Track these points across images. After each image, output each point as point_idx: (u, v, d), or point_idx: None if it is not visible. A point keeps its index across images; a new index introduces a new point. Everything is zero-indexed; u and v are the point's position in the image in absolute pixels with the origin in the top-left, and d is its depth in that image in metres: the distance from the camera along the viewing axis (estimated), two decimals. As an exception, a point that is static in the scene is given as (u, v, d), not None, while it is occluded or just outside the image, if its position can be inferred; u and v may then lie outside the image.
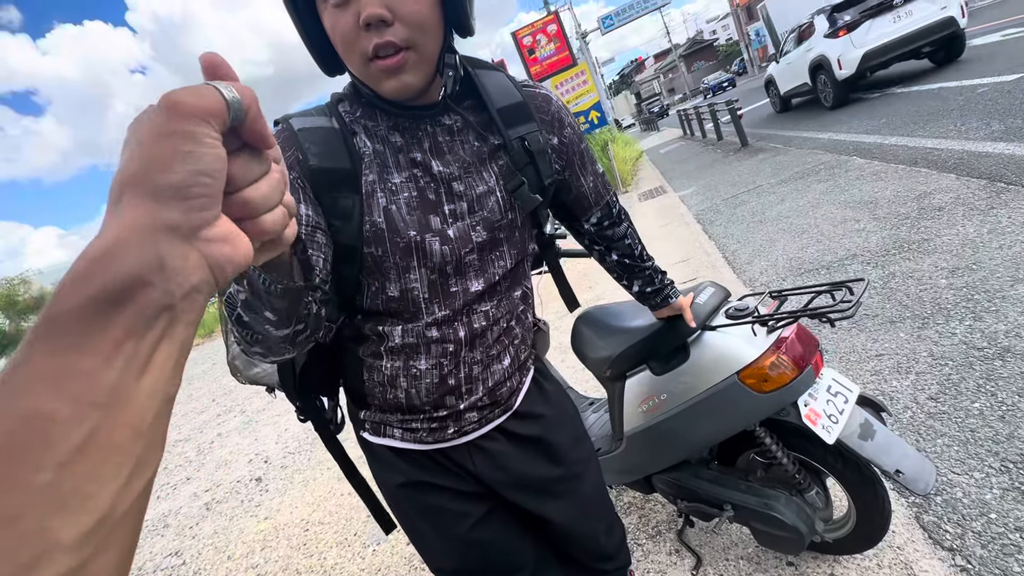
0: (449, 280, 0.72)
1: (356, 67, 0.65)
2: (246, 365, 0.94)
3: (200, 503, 3.19)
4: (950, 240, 2.61)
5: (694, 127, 13.17)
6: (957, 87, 5.64)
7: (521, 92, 0.77)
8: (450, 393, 0.76)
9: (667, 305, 1.08)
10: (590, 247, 0.99)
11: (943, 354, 1.84)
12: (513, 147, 0.73)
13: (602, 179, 0.90)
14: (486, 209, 0.73)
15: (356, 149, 0.69)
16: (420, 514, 0.83)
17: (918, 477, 1.05)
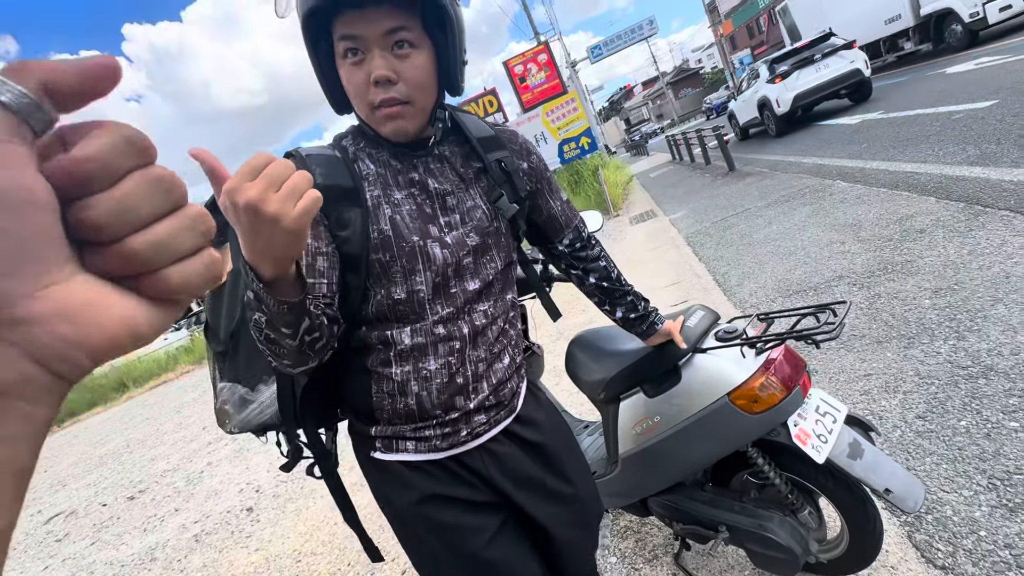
0: (450, 282, 0.81)
1: (363, 112, 0.78)
2: (238, 407, 0.94)
3: (189, 535, 3.12)
4: (932, 261, 2.68)
5: (683, 152, 13.46)
6: (933, 114, 5.85)
7: (492, 129, 0.92)
8: (459, 393, 0.81)
9: (654, 332, 1.12)
10: (568, 271, 1.06)
11: (929, 373, 1.88)
12: (492, 168, 0.87)
13: (569, 205, 1.02)
14: (475, 219, 0.84)
15: (358, 171, 0.81)
16: (435, 533, 0.84)
17: (907, 495, 1.08)
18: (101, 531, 3.75)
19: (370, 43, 0.72)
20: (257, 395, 0.93)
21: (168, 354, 15.09)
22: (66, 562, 3.42)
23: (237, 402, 0.95)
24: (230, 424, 0.96)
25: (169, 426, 6.59)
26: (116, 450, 6.41)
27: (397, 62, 0.73)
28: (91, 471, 5.77)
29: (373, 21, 0.71)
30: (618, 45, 19.47)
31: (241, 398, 0.94)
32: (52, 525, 4.29)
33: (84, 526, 3.98)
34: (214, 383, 1.00)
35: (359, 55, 0.73)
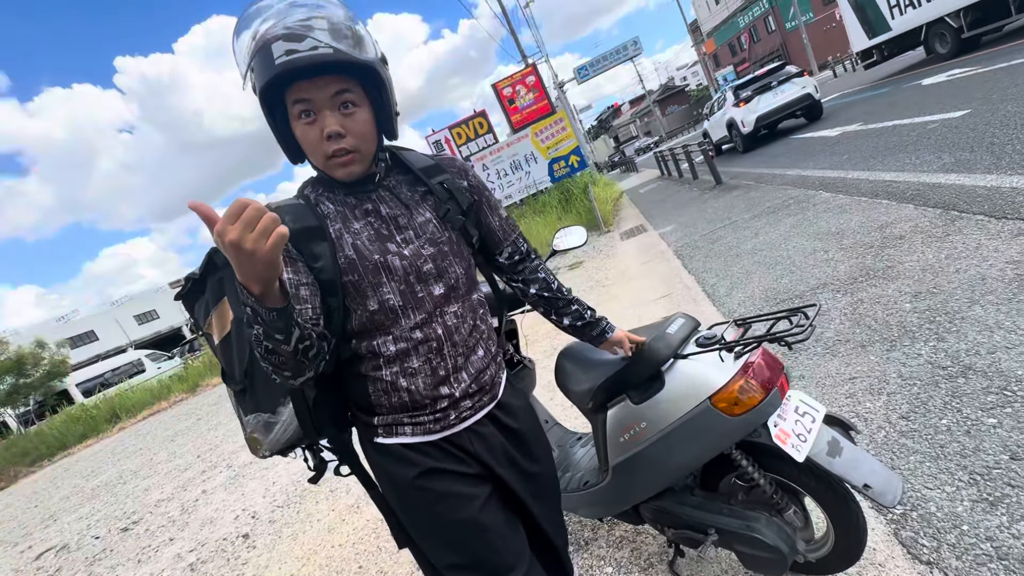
0: (415, 287, 0.93)
1: (319, 162, 0.92)
2: (264, 432, 1.06)
3: (184, 564, 3.08)
4: (912, 266, 2.75)
5: (671, 167, 13.69)
6: (910, 124, 6.03)
7: (432, 158, 1.07)
8: (442, 383, 0.95)
9: (605, 339, 1.23)
10: (509, 283, 1.19)
11: (911, 374, 1.93)
12: (436, 189, 1.01)
13: (508, 222, 1.14)
14: (428, 232, 0.97)
15: (321, 212, 0.95)
16: (435, 502, 0.95)
17: (886, 490, 1.11)
18: (94, 564, 3.68)
19: (320, 105, 0.86)
20: (279, 416, 1.05)
21: (161, 383, 14.92)
22: (58, 597, 3.35)
23: (263, 428, 1.06)
24: (262, 449, 1.08)
25: (163, 455, 6.50)
26: (109, 481, 6.31)
27: (344, 119, 0.87)
28: (83, 504, 5.67)
29: (322, 87, 0.85)
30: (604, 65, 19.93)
31: (266, 423, 1.05)
32: (43, 561, 4.20)
33: (76, 560, 3.91)
34: (240, 419, 1.12)
35: (311, 116, 0.86)
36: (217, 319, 1.07)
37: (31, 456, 11.81)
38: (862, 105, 9.58)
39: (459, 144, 13.52)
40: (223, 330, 1.06)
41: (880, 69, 14.07)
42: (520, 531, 1.04)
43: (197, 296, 1.12)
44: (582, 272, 6.59)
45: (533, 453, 1.09)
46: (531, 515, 1.06)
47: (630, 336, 1.28)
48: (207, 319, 1.09)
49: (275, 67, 0.80)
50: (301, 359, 0.81)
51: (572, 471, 1.71)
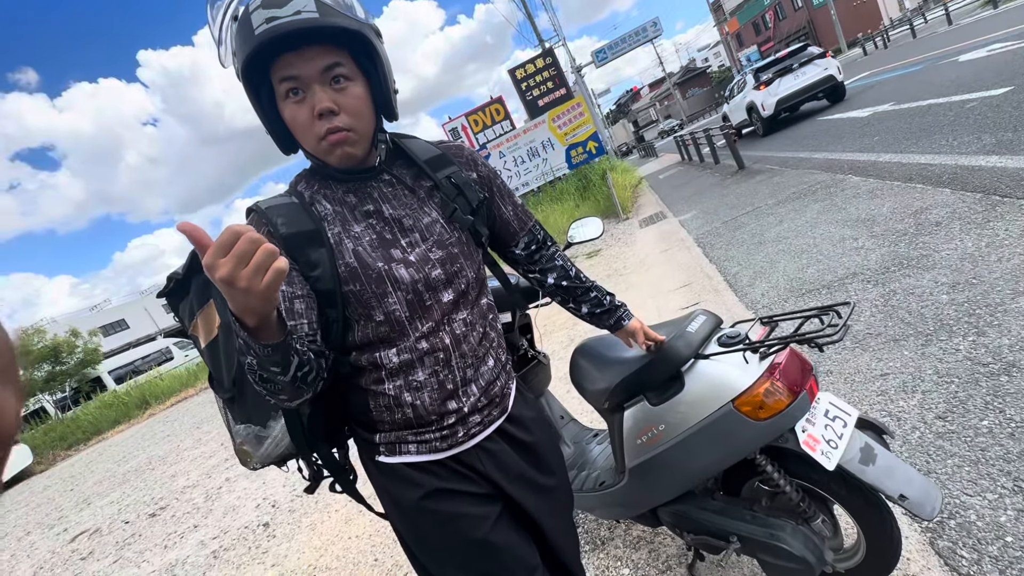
0: (423, 297, 0.85)
1: (311, 145, 0.82)
2: (254, 444, 1.01)
3: (207, 551, 3.15)
4: (949, 255, 2.61)
5: (691, 152, 13.37)
6: (946, 103, 5.73)
7: (438, 147, 0.96)
8: (450, 397, 0.87)
9: (622, 327, 1.15)
10: (526, 274, 1.11)
11: (948, 371, 1.82)
12: (443, 184, 0.91)
13: (522, 209, 1.05)
14: (435, 234, 0.88)
15: (317, 214, 0.86)
16: (442, 524, 0.89)
17: (924, 501, 1.04)
18: (123, 548, 3.80)
19: (309, 81, 0.78)
20: (270, 431, 1.00)
21: (188, 370, 15.35)
22: (90, 580, 3.47)
23: (253, 440, 1.01)
24: (252, 461, 1.04)
25: (189, 442, 6.69)
26: (139, 467, 6.52)
27: (336, 95, 0.79)
28: (115, 488, 5.87)
29: (310, 60, 0.77)
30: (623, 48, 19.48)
31: (256, 436, 1.01)
32: (77, 543, 4.36)
33: (107, 544, 4.04)
34: (229, 428, 1.07)
35: (300, 94, 0.78)
36: (203, 322, 1.01)
37: (68, 440, 12.32)
38: (894, 84, 9.16)
39: (476, 131, 13.42)
40: (209, 334, 1.01)
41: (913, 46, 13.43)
42: (532, 546, 0.97)
43: (181, 296, 1.07)
44: (600, 260, 6.49)
45: (547, 466, 1.01)
46: (543, 529, 0.98)
47: (647, 331, 1.20)
48: (192, 321, 1.04)
49: (255, 37, 0.72)
50: (299, 385, 0.75)
51: (588, 469, 1.66)
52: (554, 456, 1.05)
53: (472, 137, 13.44)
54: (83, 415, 13.67)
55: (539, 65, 13.36)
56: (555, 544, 1.01)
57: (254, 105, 0.83)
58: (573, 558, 1.07)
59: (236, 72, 0.79)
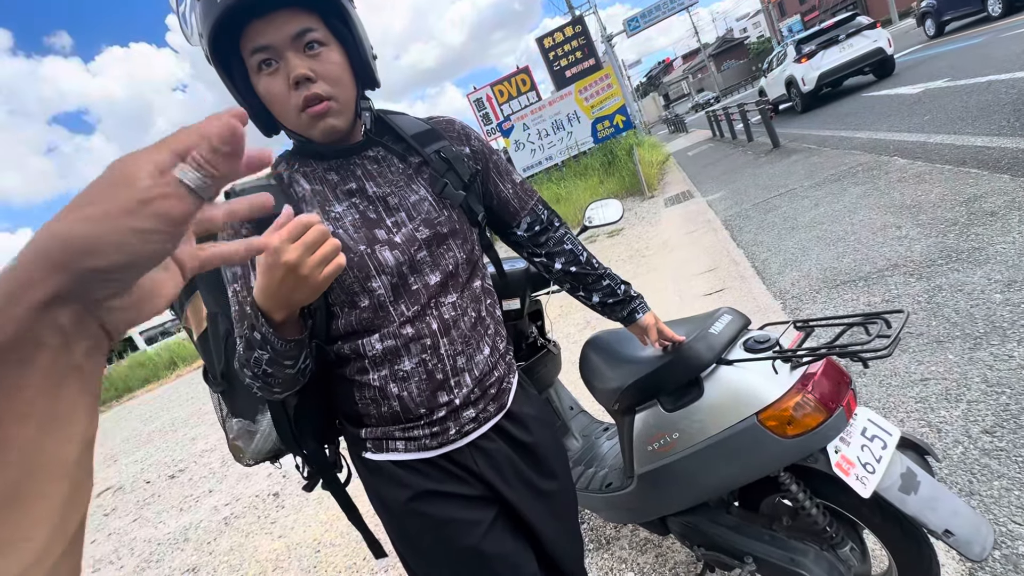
0: (408, 280, 0.79)
1: (290, 119, 0.76)
2: (246, 440, 0.97)
3: (220, 517, 3.21)
4: (1005, 249, 2.38)
5: (723, 128, 12.81)
6: (1009, 80, 5.27)
7: (427, 122, 0.90)
8: (440, 388, 0.81)
9: (635, 320, 1.06)
10: (531, 259, 1.03)
11: (999, 380, 1.66)
12: (432, 159, 0.85)
13: (523, 187, 0.98)
14: (423, 213, 0.82)
15: (296, 195, 0.81)
16: (431, 530, 0.84)
17: (972, 539, 0.91)
18: (143, 508, 3.93)
19: (282, 49, 0.73)
20: (258, 425, 0.95)
21: (214, 334, 15.83)
22: (111, 536, 3.61)
23: (244, 435, 0.97)
24: (245, 458, 0.99)
25: (209, 407, 6.85)
26: (162, 428, 6.75)
27: (311, 62, 0.74)
28: (139, 447, 6.10)
29: (279, 27, 0.72)
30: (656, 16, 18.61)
31: (246, 431, 0.96)
32: (102, 499, 4.54)
33: (129, 502, 4.19)
34: (223, 423, 1.02)
35: (273, 65, 0.73)
36: (192, 314, 0.96)
37: (101, 398, 12.88)
38: (950, 58, 8.50)
39: (501, 102, 13.11)
40: (200, 326, 0.95)
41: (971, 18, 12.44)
42: (529, 553, 0.90)
43: None
44: (621, 240, 6.29)
45: (548, 468, 0.94)
46: (541, 536, 0.92)
47: (662, 328, 1.08)
48: (183, 313, 0.98)
49: (219, 5, 0.66)
50: (299, 377, 0.75)
51: (596, 467, 1.58)
52: (556, 457, 0.97)
53: (497, 108, 13.12)
54: (115, 373, 14.27)
55: (568, 34, 12.87)
56: (555, 552, 0.95)
57: (227, 84, 0.78)
58: (576, 566, 1.00)
59: (204, 51, 0.74)
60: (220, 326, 0.90)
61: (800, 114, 10.09)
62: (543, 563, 0.94)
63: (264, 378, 0.72)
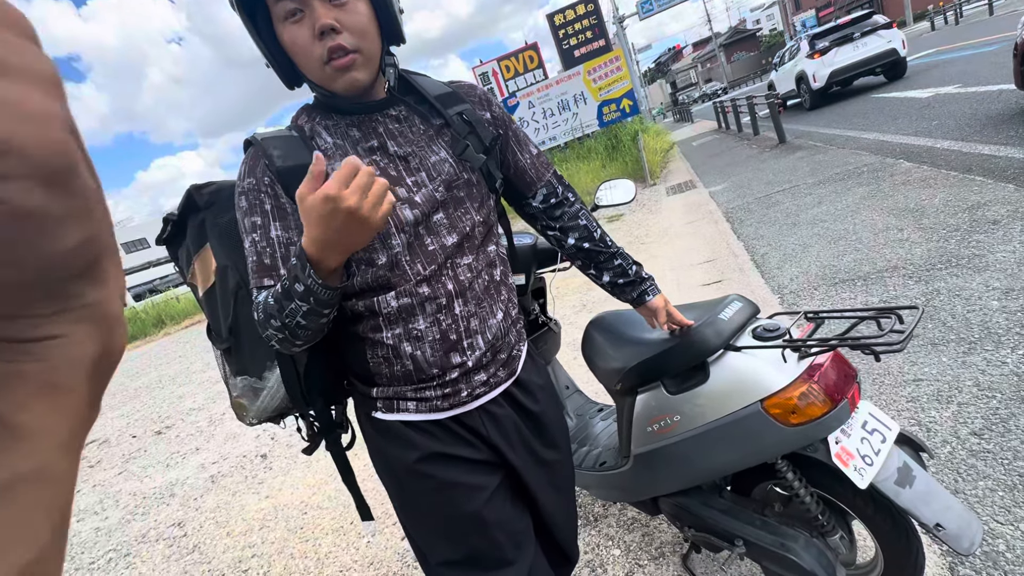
0: (424, 240, 0.79)
1: (313, 71, 0.76)
2: (251, 397, 0.96)
3: (206, 475, 3.22)
4: (1005, 257, 2.40)
5: (730, 120, 12.71)
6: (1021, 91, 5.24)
7: (449, 85, 0.90)
8: (453, 349, 0.80)
9: (644, 302, 1.06)
10: (544, 232, 1.03)
11: (991, 385, 1.68)
12: (454, 121, 0.84)
13: (540, 159, 0.97)
14: (443, 173, 0.82)
15: (317, 147, 0.80)
16: (434, 492, 0.84)
17: (962, 534, 0.93)
18: (129, 462, 3.93)
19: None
20: (265, 382, 0.94)
21: (204, 295, 15.65)
22: (96, 488, 3.61)
23: (249, 393, 0.96)
24: (248, 416, 0.98)
25: (199, 365, 6.84)
26: (149, 384, 6.72)
27: (338, 12, 0.73)
28: (126, 402, 6.08)
29: None
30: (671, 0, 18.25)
31: (251, 388, 0.95)
32: (86, 451, 4.53)
33: (114, 455, 4.19)
34: (225, 381, 1.02)
35: (298, 14, 0.72)
36: (200, 268, 0.94)
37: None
38: (962, 64, 8.46)
39: (507, 78, 12.85)
40: (207, 281, 0.93)
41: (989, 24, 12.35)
42: (527, 519, 0.93)
43: (179, 241, 0.99)
44: (621, 226, 6.27)
45: (551, 439, 0.96)
46: (539, 504, 0.93)
47: (672, 311, 1.08)
48: (190, 268, 0.96)
49: None
50: (325, 328, 0.74)
51: (590, 446, 1.59)
52: (559, 429, 0.99)
53: (503, 83, 12.87)
54: (102, 328, 14.11)
55: (580, 12, 12.57)
56: (551, 522, 0.97)
57: (251, 33, 0.77)
58: (569, 538, 1.02)
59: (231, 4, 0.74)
60: (229, 280, 0.89)
61: (808, 111, 10.02)
62: (539, 532, 0.95)
63: (293, 330, 0.70)
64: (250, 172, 0.78)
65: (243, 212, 0.78)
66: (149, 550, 2.55)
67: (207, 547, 2.41)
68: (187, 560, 2.35)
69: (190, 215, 0.95)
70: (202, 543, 2.46)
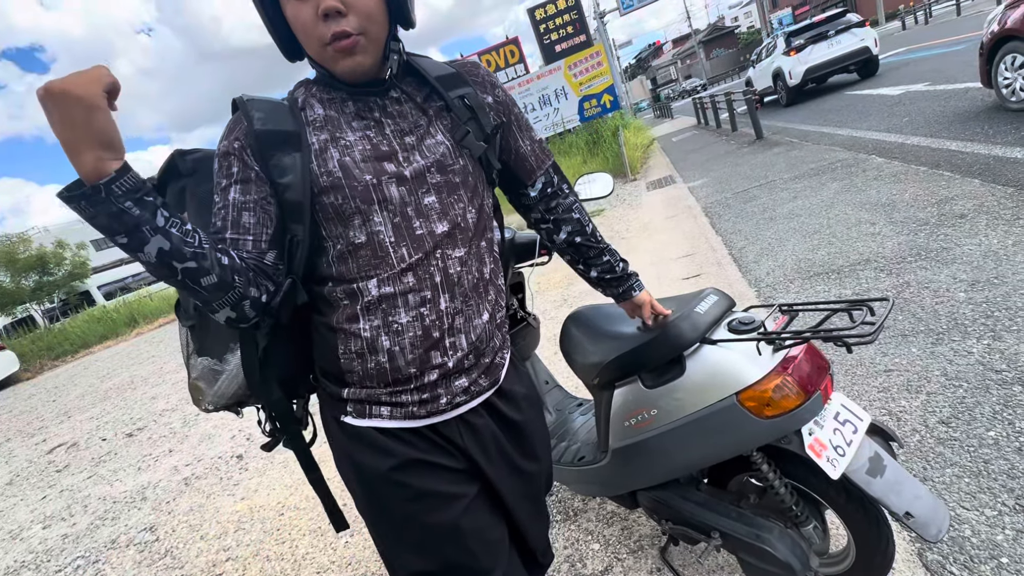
0: (412, 223, 0.76)
1: (315, 51, 0.74)
2: (209, 380, 0.90)
3: (180, 477, 3.14)
4: (971, 251, 2.47)
5: (709, 116, 12.84)
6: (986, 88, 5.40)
7: (452, 66, 0.87)
8: (434, 347, 0.76)
9: (630, 297, 1.07)
10: (537, 224, 1.01)
11: (957, 374, 1.73)
12: (455, 104, 0.82)
13: (541, 145, 0.95)
14: (438, 155, 0.79)
15: (304, 118, 0.77)
16: (410, 500, 0.80)
17: (930, 521, 0.95)
18: (99, 465, 3.81)
19: None
20: (224, 364, 0.89)
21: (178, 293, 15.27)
22: (63, 493, 3.49)
23: (207, 375, 0.90)
24: (204, 401, 0.92)
25: (172, 365, 6.67)
26: (121, 385, 6.53)
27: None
28: (96, 404, 5.89)
29: None
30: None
31: (210, 370, 0.90)
32: (54, 455, 4.38)
33: (84, 459, 4.05)
34: (187, 362, 0.96)
35: None
36: None
37: (56, 351, 12.37)
38: (932, 62, 8.68)
39: (487, 72, 12.74)
40: None
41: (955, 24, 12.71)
42: (502, 528, 0.88)
43: None
44: (602, 220, 6.30)
45: (532, 450, 0.93)
46: (513, 514, 0.90)
47: (655, 304, 1.09)
48: None
49: None
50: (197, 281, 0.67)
51: (568, 441, 1.58)
52: (540, 439, 0.96)
53: (483, 78, 12.78)
54: (71, 327, 13.68)
55: (561, 7, 12.54)
56: (524, 530, 0.94)
57: (256, 4, 0.75)
58: (542, 543, 1.00)
59: None
60: None
61: (784, 107, 10.20)
62: (512, 537, 0.92)
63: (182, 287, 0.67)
64: (227, 135, 0.76)
65: (214, 174, 0.76)
66: (119, 556, 2.47)
67: (180, 551, 2.35)
68: (159, 565, 2.28)
69: (171, 181, 0.90)
70: (174, 547, 2.40)
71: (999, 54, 4.31)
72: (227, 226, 0.73)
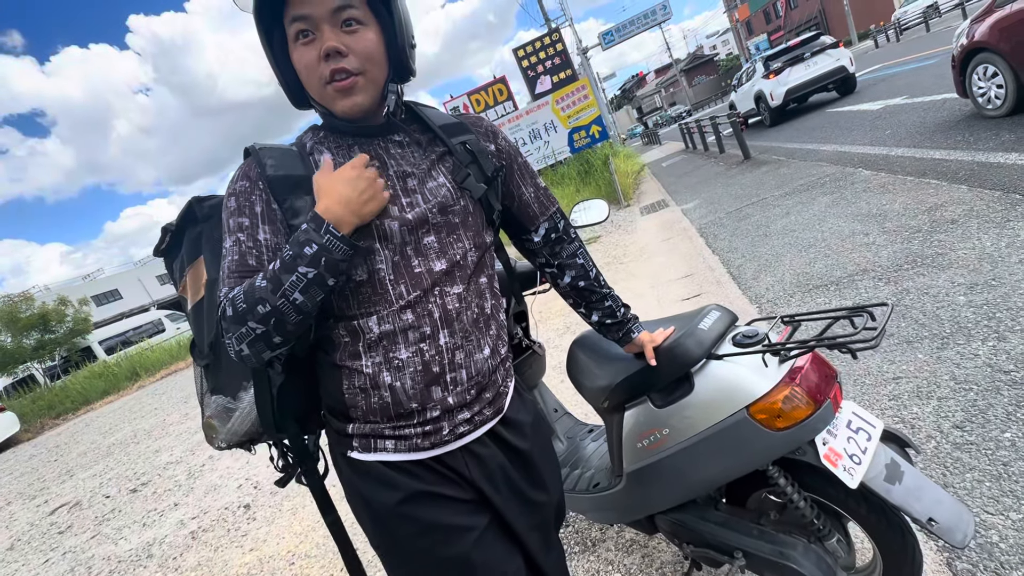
0: (411, 261, 0.78)
1: (316, 90, 0.79)
2: (223, 418, 0.92)
3: (186, 531, 3.07)
4: (966, 254, 2.50)
5: (696, 140, 13.14)
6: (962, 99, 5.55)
7: (456, 116, 0.92)
8: (435, 383, 0.78)
9: (630, 340, 1.09)
10: (542, 268, 1.04)
11: (967, 378, 1.72)
12: (457, 150, 0.86)
13: (546, 193, 0.99)
14: (439, 197, 0.82)
15: (313, 162, 0.82)
16: (420, 534, 0.79)
17: (954, 527, 0.93)
18: (102, 524, 3.72)
19: (319, 22, 0.75)
20: (238, 402, 0.91)
21: (179, 343, 15.23)
22: (66, 555, 3.40)
23: (221, 413, 0.92)
24: (218, 439, 0.94)
25: (175, 417, 6.60)
26: (123, 440, 6.44)
27: (346, 37, 0.76)
28: (98, 461, 5.79)
29: (321, 1, 0.74)
30: (631, 31, 19.06)
31: (224, 408, 0.92)
32: (56, 516, 4.29)
33: (87, 518, 3.96)
34: (201, 400, 0.98)
35: (310, 36, 0.75)
36: (192, 280, 0.92)
37: (56, 409, 12.22)
38: (907, 77, 8.96)
39: (477, 111, 13.12)
40: (197, 293, 0.92)
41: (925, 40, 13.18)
42: (518, 559, 0.87)
43: (176, 252, 0.97)
44: (599, 247, 6.36)
45: (540, 480, 0.92)
46: (526, 547, 0.89)
47: (655, 338, 1.10)
48: (182, 279, 0.95)
49: None
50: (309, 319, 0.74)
51: (582, 468, 1.56)
52: (549, 468, 0.95)
53: (473, 116, 13.13)
54: (72, 384, 13.56)
55: (545, 42, 13.02)
56: (540, 562, 0.92)
57: (266, 51, 0.80)
58: (560, 571, 0.97)
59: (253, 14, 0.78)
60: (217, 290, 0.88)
61: (768, 128, 10.47)
62: (529, 569, 0.91)
63: (281, 317, 0.70)
64: (244, 176, 0.79)
65: (229, 212, 0.78)
66: (125, 618, 2.39)
67: (188, 609, 2.27)
68: (167, 625, 2.20)
69: (188, 226, 0.95)
70: (183, 605, 2.32)
71: (971, 65, 4.46)
72: (264, 265, 0.75)
